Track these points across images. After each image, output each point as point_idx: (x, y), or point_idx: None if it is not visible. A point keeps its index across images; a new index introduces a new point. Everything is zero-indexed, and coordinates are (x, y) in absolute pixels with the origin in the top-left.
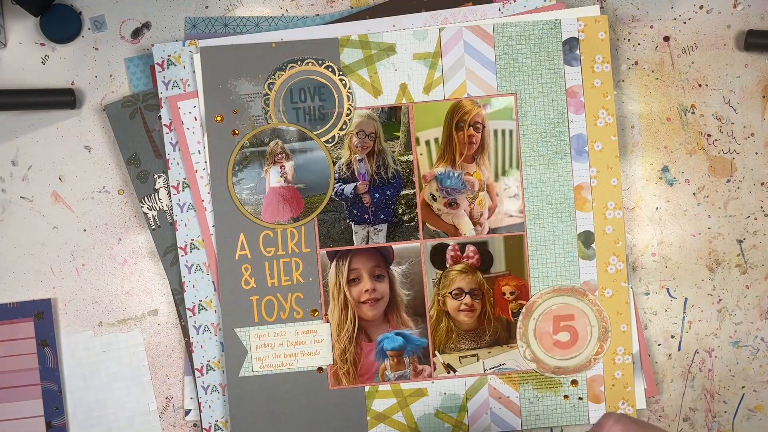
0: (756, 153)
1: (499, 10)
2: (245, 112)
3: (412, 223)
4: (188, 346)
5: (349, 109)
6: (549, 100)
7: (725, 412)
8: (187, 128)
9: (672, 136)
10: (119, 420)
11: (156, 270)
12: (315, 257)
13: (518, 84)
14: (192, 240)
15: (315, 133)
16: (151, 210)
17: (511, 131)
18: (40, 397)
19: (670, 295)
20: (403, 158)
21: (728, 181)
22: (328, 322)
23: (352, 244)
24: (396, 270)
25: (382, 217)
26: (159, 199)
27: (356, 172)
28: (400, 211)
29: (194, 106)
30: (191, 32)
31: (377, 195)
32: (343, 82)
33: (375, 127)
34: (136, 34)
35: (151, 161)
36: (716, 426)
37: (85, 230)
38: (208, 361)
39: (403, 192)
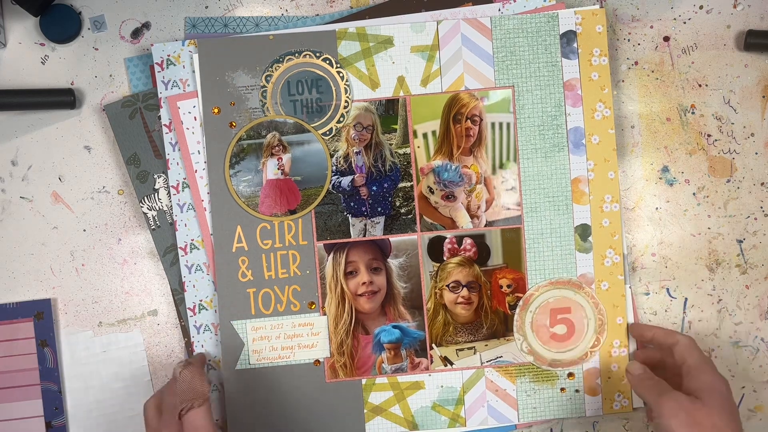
0: (756, 153)
1: (499, 10)
2: (242, 104)
3: (410, 216)
4: (188, 346)
5: (346, 101)
6: (546, 93)
7: None
8: (187, 128)
9: (672, 136)
10: (119, 420)
11: (156, 270)
12: (312, 250)
13: (516, 77)
14: (192, 240)
15: (312, 125)
16: (150, 210)
17: (508, 124)
18: (40, 397)
19: (670, 295)
20: (401, 151)
21: (728, 181)
22: (325, 314)
23: (350, 236)
24: (393, 263)
25: (379, 209)
26: (159, 199)
27: (353, 165)
28: (398, 203)
29: (194, 106)
30: (191, 32)
31: (374, 187)
32: (341, 74)
33: (372, 120)
34: (136, 34)
35: (151, 161)
36: None
37: (84, 230)
38: (209, 361)
39: (401, 185)
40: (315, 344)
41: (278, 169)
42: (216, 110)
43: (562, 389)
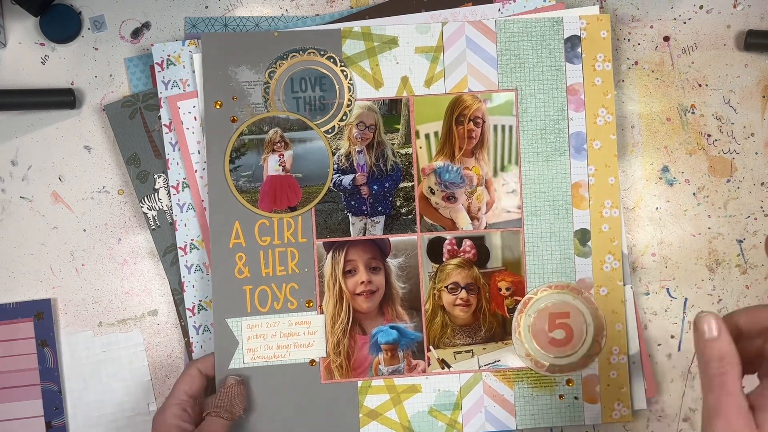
0: (756, 153)
1: (499, 10)
2: (245, 100)
3: (410, 216)
4: (188, 346)
5: (349, 100)
6: (549, 97)
7: None
8: (187, 128)
9: (672, 136)
10: (119, 420)
11: (156, 270)
12: (311, 248)
13: (519, 80)
14: (192, 240)
15: (315, 123)
16: (150, 210)
17: (510, 127)
18: (40, 397)
19: (670, 295)
20: (403, 151)
21: (728, 181)
22: (322, 313)
23: (349, 235)
24: (392, 262)
25: (379, 209)
26: (159, 199)
27: (355, 164)
28: (398, 203)
29: (194, 106)
30: (191, 32)
31: (375, 187)
32: (345, 73)
33: (375, 119)
34: (136, 34)
35: (151, 161)
36: None
37: (85, 230)
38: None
39: (402, 185)
40: (311, 343)
41: (279, 165)
42: (218, 104)
43: (561, 396)
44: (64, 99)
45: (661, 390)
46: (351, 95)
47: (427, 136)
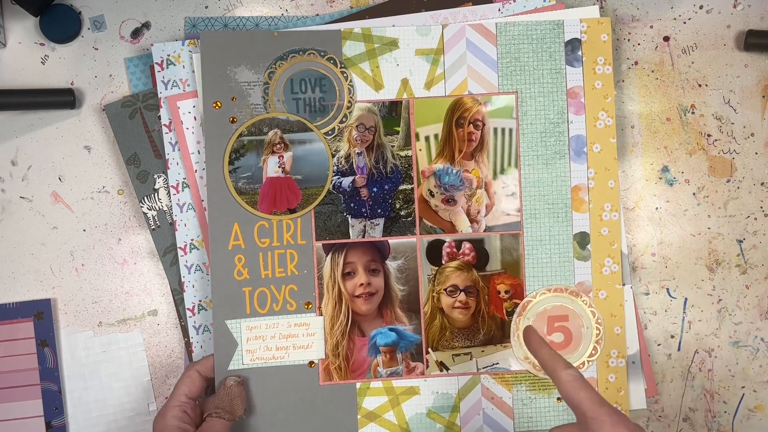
0: (756, 153)
1: (499, 10)
2: (244, 100)
3: (409, 219)
4: (188, 346)
5: (349, 101)
6: (549, 100)
7: (725, 412)
8: (187, 128)
9: (672, 136)
10: (119, 420)
11: (156, 270)
12: (311, 249)
13: (519, 83)
14: (191, 240)
15: (315, 124)
16: (150, 210)
17: (510, 130)
18: (39, 397)
19: (670, 295)
20: (402, 153)
21: (728, 181)
22: (321, 315)
23: (349, 237)
24: (391, 265)
25: (379, 211)
26: (159, 199)
27: (355, 166)
28: (398, 206)
29: (194, 106)
30: (191, 32)
31: (375, 189)
32: (345, 74)
33: (375, 121)
34: (136, 34)
35: (151, 161)
36: (716, 426)
37: (84, 230)
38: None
39: (401, 187)
40: (310, 345)
41: (279, 167)
42: (217, 105)
43: (559, 399)
44: (64, 99)
45: (660, 390)
46: (351, 97)
47: (426, 138)
